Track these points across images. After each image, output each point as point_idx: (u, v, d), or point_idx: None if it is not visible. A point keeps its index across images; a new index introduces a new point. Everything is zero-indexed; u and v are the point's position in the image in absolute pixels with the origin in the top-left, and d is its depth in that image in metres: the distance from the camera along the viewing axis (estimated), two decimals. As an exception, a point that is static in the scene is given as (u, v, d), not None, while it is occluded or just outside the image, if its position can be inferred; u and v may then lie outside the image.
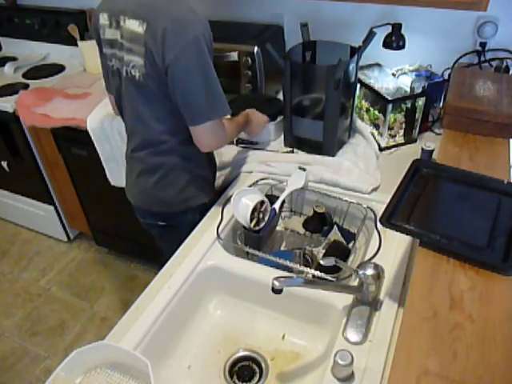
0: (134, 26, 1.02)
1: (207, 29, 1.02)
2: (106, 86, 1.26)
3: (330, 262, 0.87)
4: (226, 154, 1.43)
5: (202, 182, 1.26)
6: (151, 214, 1.28)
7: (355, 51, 1.28)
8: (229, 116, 1.14)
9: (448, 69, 1.49)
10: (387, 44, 1.47)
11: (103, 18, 1.11)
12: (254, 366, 0.99)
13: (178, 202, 1.23)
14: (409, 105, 1.33)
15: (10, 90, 2.06)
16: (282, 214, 1.30)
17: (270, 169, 1.32)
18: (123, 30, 1.06)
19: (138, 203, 1.29)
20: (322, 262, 0.88)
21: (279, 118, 1.47)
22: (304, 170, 1.26)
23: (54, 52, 2.39)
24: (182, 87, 1.03)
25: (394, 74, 1.47)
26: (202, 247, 1.09)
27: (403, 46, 1.47)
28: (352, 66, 1.28)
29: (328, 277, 0.98)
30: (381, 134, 1.41)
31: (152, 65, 1.02)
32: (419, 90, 1.32)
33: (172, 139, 1.15)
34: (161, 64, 1.01)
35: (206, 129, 1.08)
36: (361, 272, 0.85)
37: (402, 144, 1.43)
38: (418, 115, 1.37)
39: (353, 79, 1.33)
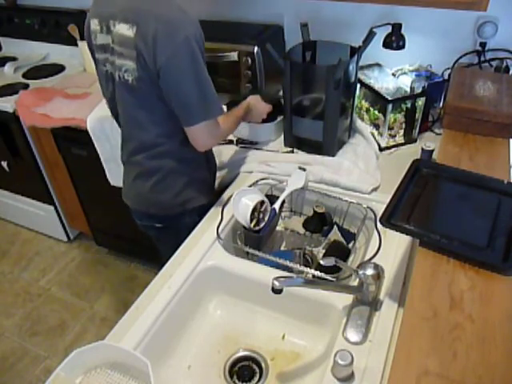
0: (124, 29, 1.02)
1: (198, 28, 1.02)
2: (102, 91, 1.26)
3: (329, 262, 0.87)
4: (226, 153, 1.43)
5: (200, 184, 1.26)
6: (148, 217, 1.28)
7: (355, 51, 1.28)
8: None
9: (448, 69, 1.49)
10: (387, 44, 1.47)
11: (94, 24, 1.10)
12: (254, 366, 0.99)
13: (175, 205, 1.23)
14: (409, 105, 1.33)
15: (9, 89, 2.06)
16: (282, 214, 1.30)
17: (270, 169, 1.32)
18: (114, 34, 1.05)
19: (135, 206, 1.29)
20: (322, 262, 0.88)
21: (279, 118, 1.47)
22: (304, 169, 1.26)
23: (53, 52, 2.39)
24: (175, 88, 1.02)
25: (394, 74, 1.47)
26: (202, 247, 1.09)
27: (403, 46, 1.46)
28: (352, 66, 1.28)
29: (328, 277, 0.98)
30: (381, 134, 1.41)
31: (144, 68, 1.02)
32: (419, 90, 1.32)
33: (169, 141, 1.15)
34: (152, 66, 1.00)
35: (201, 129, 1.08)
36: (361, 272, 0.85)
37: (402, 144, 1.43)
38: (418, 115, 1.37)
39: (353, 79, 1.33)
